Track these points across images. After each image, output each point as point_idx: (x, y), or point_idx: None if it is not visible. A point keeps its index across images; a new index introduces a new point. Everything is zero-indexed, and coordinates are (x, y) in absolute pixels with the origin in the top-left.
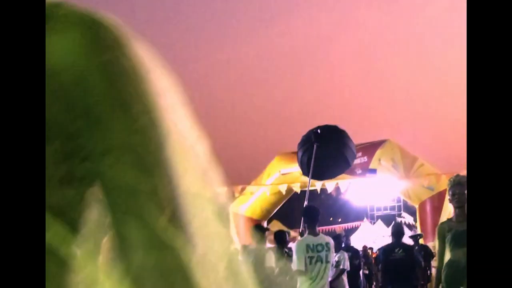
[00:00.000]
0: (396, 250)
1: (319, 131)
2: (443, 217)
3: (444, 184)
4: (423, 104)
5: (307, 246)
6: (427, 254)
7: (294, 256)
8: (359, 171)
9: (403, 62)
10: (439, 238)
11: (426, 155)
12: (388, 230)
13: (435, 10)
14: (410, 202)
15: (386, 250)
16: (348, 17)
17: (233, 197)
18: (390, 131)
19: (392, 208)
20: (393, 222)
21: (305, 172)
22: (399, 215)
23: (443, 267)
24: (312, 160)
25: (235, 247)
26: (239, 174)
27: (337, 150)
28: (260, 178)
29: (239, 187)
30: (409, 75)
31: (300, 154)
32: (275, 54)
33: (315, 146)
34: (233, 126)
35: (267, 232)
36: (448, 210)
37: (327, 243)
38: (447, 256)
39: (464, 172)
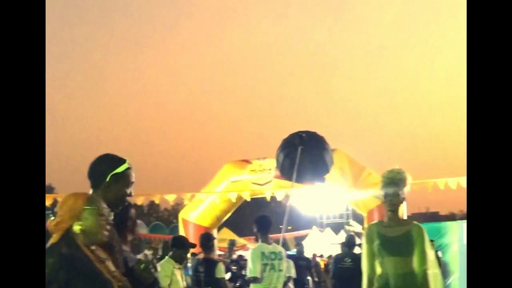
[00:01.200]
0: (345, 259)
1: (304, 134)
2: None
3: None
4: (370, 114)
5: (262, 253)
6: None
7: (250, 263)
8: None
9: (351, 73)
10: (366, 242)
11: (374, 164)
12: (337, 238)
13: (383, 21)
14: (358, 211)
15: (336, 259)
16: (296, 27)
17: (182, 204)
18: (338, 140)
19: (341, 216)
20: (347, 233)
21: (287, 175)
22: (348, 223)
23: (374, 282)
24: (297, 162)
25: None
26: (188, 181)
27: (319, 154)
28: (209, 186)
29: (189, 195)
30: (357, 85)
31: (281, 157)
32: (225, 63)
33: (299, 149)
34: (183, 134)
35: (215, 241)
36: None
37: (280, 252)
38: (377, 267)
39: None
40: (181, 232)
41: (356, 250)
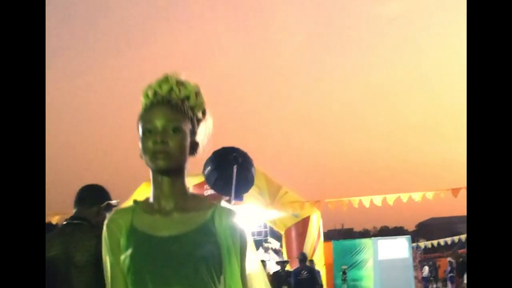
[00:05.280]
0: (303, 272)
1: (235, 154)
2: (307, 243)
3: (308, 211)
4: (285, 134)
5: None
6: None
7: None
8: (226, 198)
9: (266, 90)
10: (108, 253)
11: (289, 183)
12: (256, 254)
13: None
14: (275, 228)
15: (296, 273)
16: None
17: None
18: (255, 160)
19: (259, 233)
20: (265, 250)
21: (222, 192)
22: (266, 241)
23: None
24: (234, 181)
25: None
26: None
27: (247, 170)
28: (127, 204)
29: None
30: (271, 104)
31: (214, 174)
32: (139, 79)
33: (235, 168)
34: (101, 154)
35: None
36: (312, 237)
37: None
38: None
39: None
40: None
41: (273, 265)
